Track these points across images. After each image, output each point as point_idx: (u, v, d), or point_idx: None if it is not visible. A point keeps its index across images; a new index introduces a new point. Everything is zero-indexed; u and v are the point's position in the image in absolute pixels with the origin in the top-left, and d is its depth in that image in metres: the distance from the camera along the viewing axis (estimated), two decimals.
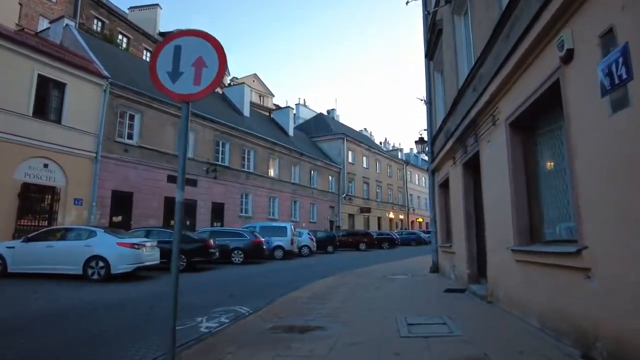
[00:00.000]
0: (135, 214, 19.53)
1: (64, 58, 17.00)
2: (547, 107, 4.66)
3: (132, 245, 10.53)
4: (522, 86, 5.09)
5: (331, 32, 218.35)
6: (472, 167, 8.16)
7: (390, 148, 61.47)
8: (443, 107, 11.35)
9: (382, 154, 49.37)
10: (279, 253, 18.94)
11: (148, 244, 11.28)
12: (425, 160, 71.11)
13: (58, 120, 16.54)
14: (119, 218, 18.93)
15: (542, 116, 5.00)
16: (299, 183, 32.30)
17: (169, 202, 21.17)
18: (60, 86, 16.74)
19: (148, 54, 38.21)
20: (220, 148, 24.94)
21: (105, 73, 18.67)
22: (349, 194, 40.07)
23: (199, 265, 14.23)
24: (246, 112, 29.70)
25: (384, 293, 8.17)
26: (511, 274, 5.53)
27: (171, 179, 21.41)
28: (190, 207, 22.52)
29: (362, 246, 28.45)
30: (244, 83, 30.58)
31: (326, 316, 5.90)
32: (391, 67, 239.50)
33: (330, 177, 37.81)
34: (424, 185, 60.51)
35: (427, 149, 13.68)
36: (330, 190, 37.44)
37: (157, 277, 11.70)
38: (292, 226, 19.89)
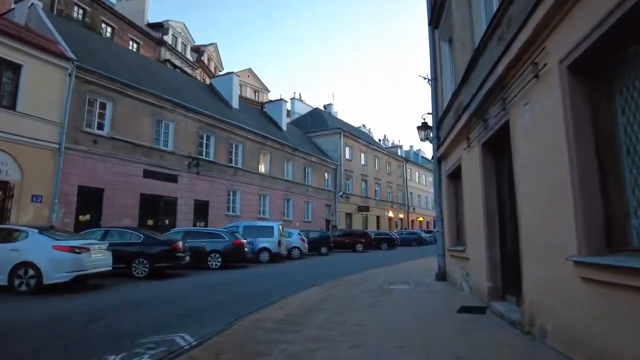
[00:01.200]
0: (107, 213, 17.57)
1: (20, 36, 15.03)
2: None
3: (72, 249, 8.56)
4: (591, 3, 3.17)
5: (330, 27, 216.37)
6: (496, 147, 6.23)
7: (390, 145, 59.52)
8: (452, 82, 9.43)
9: (381, 150, 47.43)
10: (264, 256, 16.99)
11: (95, 246, 9.32)
12: (426, 158, 69.34)
13: (12, 106, 14.56)
14: (87, 217, 16.97)
15: (628, 47, 3.06)
16: (293, 180, 30.35)
17: (146, 200, 19.26)
18: (15, 68, 14.77)
19: (135, 45, 36.38)
20: (205, 141, 22.97)
21: (71, 55, 16.68)
22: (346, 191, 38.12)
23: (167, 271, 12.29)
24: (235, 103, 27.73)
25: (379, 314, 6.21)
26: (572, 300, 3.58)
27: (149, 174, 19.50)
28: (169, 205, 20.59)
29: (359, 247, 26.49)
30: (232, 72, 28.63)
31: None
32: (391, 63, 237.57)
33: (326, 174, 35.86)
34: (424, 183, 58.65)
35: (431, 135, 11.73)
36: (326, 188, 35.49)
37: (110, 286, 9.76)
38: (280, 226, 17.94)
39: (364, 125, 57.58)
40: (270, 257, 16.96)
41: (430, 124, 12.07)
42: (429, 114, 12.12)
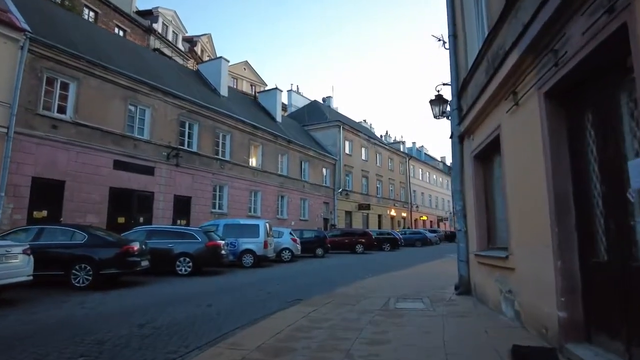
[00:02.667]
0: (69, 208, 15.23)
1: None
2: None
3: None
4: None
5: (329, 19, 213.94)
6: (576, 93, 3.85)
7: (392, 141, 57.09)
8: (479, 32, 7.04)
9: (382, 145, 45.01)
10: (248, 259, 14.60)
11: (4, 250, 6.95)
12: (429, 155, 66.93)
13: None
14: (43, 213, 14.63)
15: None
16: (287, 175, 27.96)
17: (117, 194, 16.92)
18: None
19: (121, 33, 34.02)
20: (187, 130, 20.61)
21: (24, 26, 14.33)
22: (346, 188, 35.73)
23: (125, 278, 9.95)
24: (223, 91, 25.34)
25: None
26: None
27: (120, 166, 17.15)
28: (145, 201, 18.24)
29: (359, 248, 24.08)
30: (221, 57, 26.25)
31: None
32: (392, 58, 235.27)
33: (324, 170, 33.46)
34: (427, 180, 56.27)
35: (448, 108, 9.35)
36: (324, 184, 33.09)
37: (20, 302, 7.39)
38: (267, 224, 15.54)
39: (365, 121, 55.22)
40: (255, 261, 14.56)
41: (446, 96, 9.70)
42: (444, 84, 9.76)
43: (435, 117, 9.91)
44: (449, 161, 76.72)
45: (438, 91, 9.92)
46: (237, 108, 25.06)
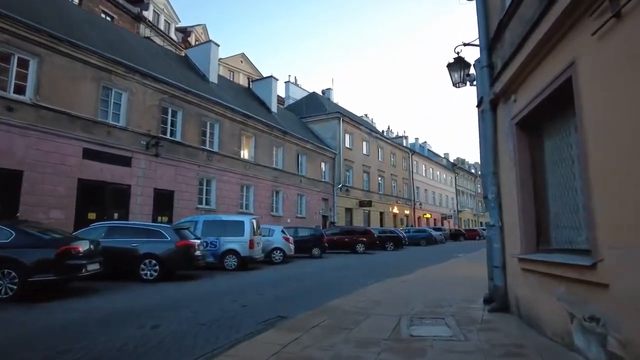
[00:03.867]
0: (27, 202, 13.30)
1: None
2: None
3: None
4: None
5: (328, 11, 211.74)
6: None
7: (394, 136, 55.03)
8: None
9: (384, 139, 43.01)
10: (231, 261, 12.63)
11: None
12: (432, 152, 64.85)
13: None
14: None
15: None
16: (283, 169, 25.99)
17: (87, 187, 15.00)
18: None
19: (108, 19, 32.05)
20: (169, 117, 18.65)
21: None
22: (346, 184, 33.75)
23: (74, 284, 8.02)
24: (212, 77, 23.38)
25: None
26: None
27: (91, 155, 15.23)
28: (120, 194, 16.31)
29: (360, 247, 22.09)
30: (210, 41, 24.28)
31: None
32: (393, 54, 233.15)
33: (323, 164, 31.49)
34: (431, 177, 54.30)
35: (472, 71, 7.40)
36: (323, 180, 31.13)
37: None
38: (254, 221, 13.55)
39: (366, 115, 53.18)
40: (239, 263, 12.57)
41: (468, 60, 7.74)
42: (465, 44, 7.82)
43: (455, 84, 7.94)
44: (452, 157, 75.03)
45: (458, 53, 7.96)
46: (228, 96, 23.09)
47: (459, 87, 7.90)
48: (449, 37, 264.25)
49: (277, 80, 29.31)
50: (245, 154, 23.07)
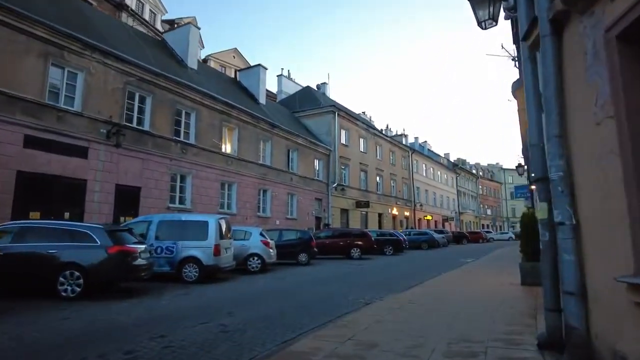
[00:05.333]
0: None
1: None
2: None
3: None
4: None
5: (326, 9, 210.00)
6: None
7: (393, 134, 52.71)
8: None
9: (383, 136, 40.66)
10: (190, 271, 10.17)
11: None
12: (432, 152, 62.47)
13: None
14: None
15: None
16: (271, 165, 23.59)
17: (30, 181, 12.62)
18: None
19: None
20: (136, 103, 16.26)
21: None
22: (342, 183, 31.37)
23: None
24: (192, 63, 21.01)
25: None
26: None
27: (35, 143, 12.85)
28: (74, 191, 13.90)
29: (356, 252, 19.65)
30: (189, 24, 21.93)
31: None
32: (392, 52, 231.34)
33: (316, 161, 29.11)
34: (432, 177, 51.99)
35: None
36: (316, 178, 28.74)
37: None
38: (223, 221, 11.07)
39: (364, 113, 50.84)
40: (202, 273, 10.12)
41: None
42: None
43: (480, 24, 5.58)
44: (453, 157, 72.71)
45: None
46: (209, 84, 20.71)
47: (485, 27, 5.55)
48: (448, 36, 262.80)
49: (265, 69, 26.91)
50: (227, 147, 20.68)
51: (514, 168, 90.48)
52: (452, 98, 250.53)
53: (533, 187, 20.76)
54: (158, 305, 7.27)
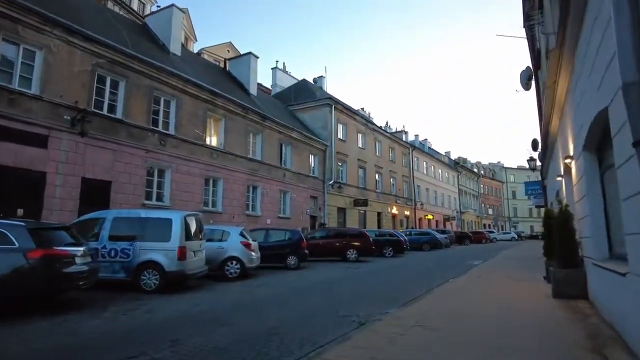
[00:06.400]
0: None
1: None
2: None
3: None
4: None
5: (322, 5, 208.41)
6: None
7: (393, 131, 51.02)
8: None
9: (382, 132, 38.96)
10: (150, 279, 8.48)
11: None
12: (433, 149, 60.82)
13: None
14: None
15: None
16: (262, 160, 21.90)
17: None
18: None
19: None
20: (107, 88, 14.56)
21: None
22: (339, 180, 29.68)
23: None
24: (174, 47, 19.31)
25: None
26: None
27: None
28: (31, 185, 12.19)
29: (352, 254, 17.95)
30: (172, 5, 20.22)
31: None
32: (388, 51, 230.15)
33: (311, 157, 27.42)
34: (433, 175, 50.30)
35: None
36: (311, 175, 27.05)
37: None
38: (192, 219, 9.33)
39: (362, 109, 49.14)
40: (163, 281, 8.40)
41: None
42: None
43: None
44: (454, 155, 71.00)
45: None
46: (193, 71, 19.01)
47: None
48: (446, 36, 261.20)
49: (257, 58, 25.19)
50: (213, 140, 18.99)
51: (516, 167, 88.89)
52: (452, 97, 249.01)
53: (546, 182, 19.09)
54: (84, 327, 5.57)
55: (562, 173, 9.14)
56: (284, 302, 7.61)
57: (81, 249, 6.61)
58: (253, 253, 11.39)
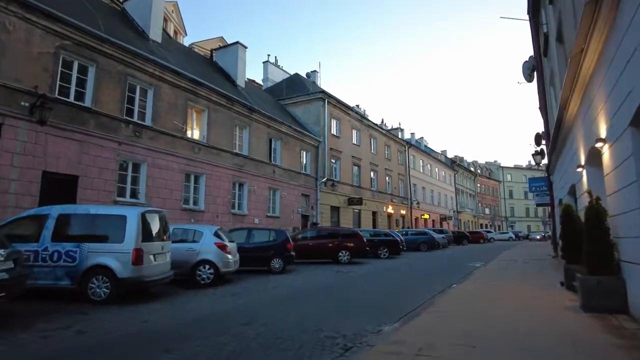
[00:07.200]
0: None
1: None
2: None
3: None
4: None
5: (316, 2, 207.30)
6: None
7: (389, 129, 49.83)
8: None
9: (378, 129, 37.72)
10: (99, 287, 7.13)
11: None
12: (429, 148, 59.62)
13: None
14: None
15: None
16: (249, 155, 20.56)
17: None
18: None
19: None
20: (75, 73, 13.18)
21: None
22: (332, 178, 28.40)
23: None
24: (155, 35, 17.96)
25: None
26: None
27: None
28: None
29: (344, 256, 16.65)
30: None
31: None
32: (384, 51, 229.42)
33: (303, 153, 26.11)
34: (429, 173, 49.12)
35: None
36: (303, 172, 25.74)
37: None
38: (153, 216, 7.96)
39: (358, 106, 47.90)
40: (115, 289, 7.05)
41: None
42: None
43: None
44: (450, 154, 69.79)
45: None
46: (175, 60, 17.67)
47: None
48: (443, 33, 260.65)
49: (245, 48, 23.85)
50: (194, 132, 17.64)
51: (512, 166, 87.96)
52: (448, 96, 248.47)
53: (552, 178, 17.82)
54: None
55: (584, 163, 7.90)
56: (255, 316, 6.31)
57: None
58: (229, 256, 10.05)
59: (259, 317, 6.21)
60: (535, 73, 19.38)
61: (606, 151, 5.85)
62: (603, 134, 5.89)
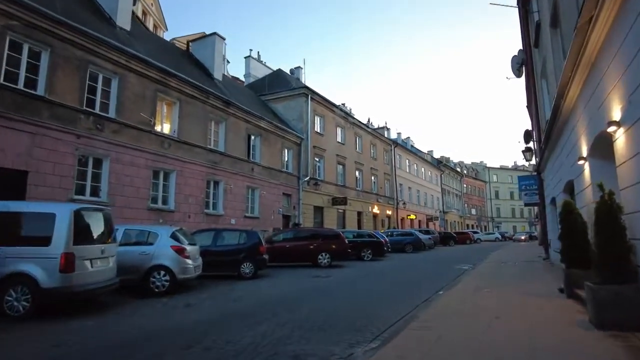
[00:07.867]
0: None
1: None
2: None
3: None
4: None
5: None
6: None
7: (375, 128, 48.98)
8: None
9: (363, 127, 36.80)
10: (17, 300, 5.94)
11: None
12: (416, 148, 59.07)
13: None
14: None
15: None
16: (225, 152, 19.39)
17: None
18: None
19: None
20: (25, 58, 11.89)
21: None
22: (316, 177, 27.36)
23: None
24: (123, 23, 16.67)
25: None
26: None
27: None
28: None
29: (324, 258, 15.61)
30: None
31: None
32: (378, 49, 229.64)
33: (285, 150, 25.02)
34: (416, 173, 48.42)
35: None
36: (284, 170, 24.65)
37: None
38: (91, 214, 6.81)
39: (344, 104, 46.92)
40: (37, 302, 5.87)
41: None
42: None
43: None
44: (437, 155, 69.34)
45: None
46: (144, 48, 16.43)
47: None
48: (429, 36, 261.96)
49: (223, 39, 22.73)
50: (164, 126, 16.44)
51: (499, 167, 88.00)
52: (435, 96, 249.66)
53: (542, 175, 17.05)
54: None
55: (586, 155, 6.99)
56: (202, 337, 5.20)
57: None
58: (188, 261, 8.92)
59: (206, 338, 5.13)
60: (524, 68, 18.69)
61: (620, 136, 4.92)
62: (617, 116, 4.96)
